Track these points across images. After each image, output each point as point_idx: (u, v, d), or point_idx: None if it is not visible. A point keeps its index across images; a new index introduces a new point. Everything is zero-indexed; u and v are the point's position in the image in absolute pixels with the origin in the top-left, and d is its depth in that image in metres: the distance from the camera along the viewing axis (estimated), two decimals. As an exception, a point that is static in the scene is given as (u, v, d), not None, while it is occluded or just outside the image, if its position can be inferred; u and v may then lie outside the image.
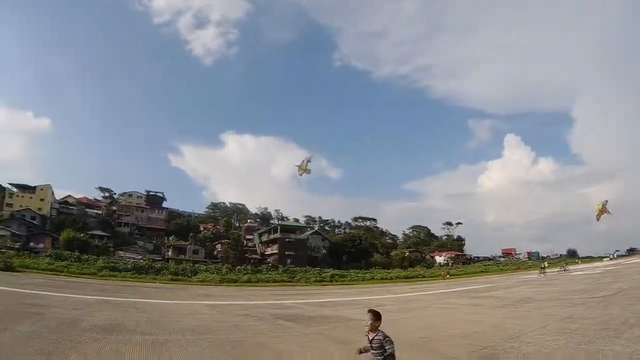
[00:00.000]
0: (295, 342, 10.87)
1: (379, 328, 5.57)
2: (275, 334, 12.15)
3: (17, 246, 64.96)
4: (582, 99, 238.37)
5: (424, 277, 69.15)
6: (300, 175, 44.03)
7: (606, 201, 52.59)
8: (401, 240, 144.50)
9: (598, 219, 52.52)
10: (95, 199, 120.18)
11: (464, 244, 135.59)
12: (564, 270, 51.62)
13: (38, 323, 11.36)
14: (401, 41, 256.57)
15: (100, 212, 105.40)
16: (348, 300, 26.48)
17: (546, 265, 63.63)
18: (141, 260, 65.19)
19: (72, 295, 21.56)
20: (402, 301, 25.18)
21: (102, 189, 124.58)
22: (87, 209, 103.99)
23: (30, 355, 7.58)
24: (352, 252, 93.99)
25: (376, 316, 5.62)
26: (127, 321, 13.32)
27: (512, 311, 16.39)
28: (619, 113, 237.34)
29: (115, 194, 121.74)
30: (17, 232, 74.56)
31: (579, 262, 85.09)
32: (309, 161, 45.35)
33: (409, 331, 12.14)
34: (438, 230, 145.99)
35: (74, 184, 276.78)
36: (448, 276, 66.80)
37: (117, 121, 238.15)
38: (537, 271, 52.93)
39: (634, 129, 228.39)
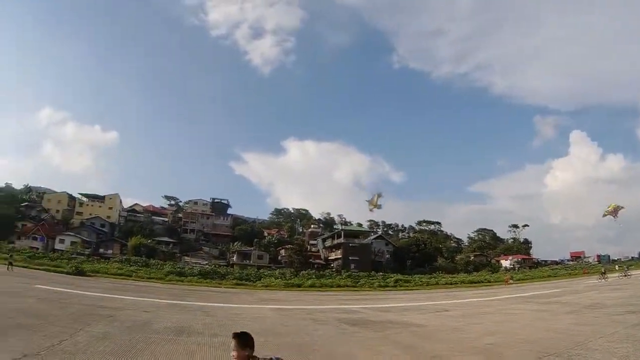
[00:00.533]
0: (360, 346, 10.79)
1: (256, 355, 3.89)
2: (340, 338, 12.06)
3: (87, 252, 69.20)
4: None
5: (490, 282, 66.89)
6: (371, 210, 43.72)
7: (623, 207, 51.26)
8: (466, 244, 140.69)
9: (604, 216, 51.11)
10: (162, 207, 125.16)
11: (531, 247, 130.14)
12: (625, 276, 46.99)
13: (111, 325, 11.81)
14: (459, 38, 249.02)
15: (166, 219, 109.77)
16: (412, 306, 26.06)
17: (616, 268, 59.74)
18: (206, 266, 67.25)
19: (141, 299, 22.42)
20: (467, 306, 24.47)
21: (167, 197, 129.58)
22: (154, 217, 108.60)
23: (105, 355, 7.83)
24: (416, 256, 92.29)
25: (244, 342, 3.86)
26: (195, 324, 13.62)
27: (580, 317, 15.57)
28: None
29: (180, 202, 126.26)
30: (87, 239, 79.40)
31: (618, 269, 79.23)
32: (379, 197, 45.11)
33: (474, 337, 11.85)
34: (504, 233, 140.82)
35: (140, 193, 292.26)
36: (511, 281, 64.28)
37: (182, 132, 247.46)
38: (597, 276, 48.78)
39: None
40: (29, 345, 8.06)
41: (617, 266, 67.10)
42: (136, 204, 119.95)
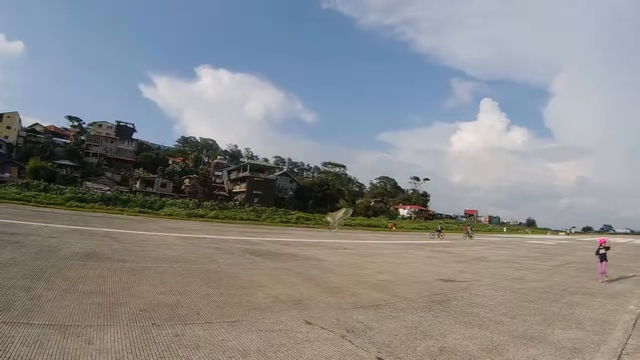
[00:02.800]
0: (264, 274, 11.37)
1: None
2: (245, 266, 12.67)
3: (-19, 175, 63.14)
4: (563, 77, 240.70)
5: (386, 227, 70.64)
6: (331, 230, 40.76)
7: None
8: (368, 189, 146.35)
9: None
10: (64, 128, 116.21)
11: (429, 200, 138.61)
12: (469, 237, 47.42)
13: (18, 250, 11.37)
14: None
15: (68, 141, 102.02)
16: (313, 242, 27.14)
17: (504, 230, 65.08)
18: (108, 192, 64.61)
19: (45, 225, 21.43)
20: (364, 247, 25.89)
21: (70, 118, 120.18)
22: (55, 138, 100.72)
23: (17, 280, 7.72)
24: (318, 196, 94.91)
25: None
26: (103, 249, 13.50)
27: (466, 266, 17.19)
28: (597, 97, 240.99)
29: (84, 123, 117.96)
30: (-19, 161, 72.27)
31: (506, 231, 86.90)
32: (348, 216, 41.87)
33: (369, 274, 12.85)
34: (405, 184, 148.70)
35: (42, 112, 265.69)
36: (394, 228, 68.44)
37: (92, 48, 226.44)
38: (430, 233, 49.45)
39: (609, 115, 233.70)
40: None
41: (504, 228, 73.64)
42: (37, 124, 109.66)
